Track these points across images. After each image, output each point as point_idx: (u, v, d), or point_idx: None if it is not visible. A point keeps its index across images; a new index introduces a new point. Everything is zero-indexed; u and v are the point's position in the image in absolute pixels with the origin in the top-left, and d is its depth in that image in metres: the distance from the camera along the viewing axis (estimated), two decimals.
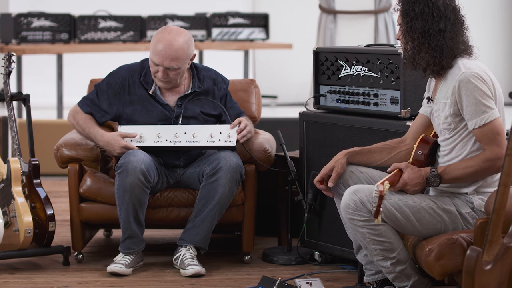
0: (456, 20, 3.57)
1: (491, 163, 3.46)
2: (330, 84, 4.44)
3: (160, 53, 4.34)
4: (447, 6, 3.55)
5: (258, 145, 4.54)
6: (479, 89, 3.47)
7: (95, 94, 4.53)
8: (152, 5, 10.65)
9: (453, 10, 3.57)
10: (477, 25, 11.58)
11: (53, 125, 6.92)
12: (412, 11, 3.56)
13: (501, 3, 11.80)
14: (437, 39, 3.53)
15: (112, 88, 4.50)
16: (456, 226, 3.55)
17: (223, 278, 4.31)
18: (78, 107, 4.55)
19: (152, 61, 4.38)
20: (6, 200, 4.43)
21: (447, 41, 3.53)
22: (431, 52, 3.54)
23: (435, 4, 3.54)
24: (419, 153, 3.64)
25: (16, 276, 4.32)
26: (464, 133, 3.54)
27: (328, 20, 9.44)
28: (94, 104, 4.52)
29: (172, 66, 4.35)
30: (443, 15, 3.54)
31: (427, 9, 3.54)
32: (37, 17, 8.00)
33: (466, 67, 3.51)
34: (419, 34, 3.55)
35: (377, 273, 3.83)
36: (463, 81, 3.48)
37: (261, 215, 4.87)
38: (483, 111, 3.46)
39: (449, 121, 3.55)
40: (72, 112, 4.58)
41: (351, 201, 3.55)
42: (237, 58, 10.35)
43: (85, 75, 6.20)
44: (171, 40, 4.35)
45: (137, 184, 4.24)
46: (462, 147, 3.56)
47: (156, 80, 4.45)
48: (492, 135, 3.46)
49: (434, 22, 3.53)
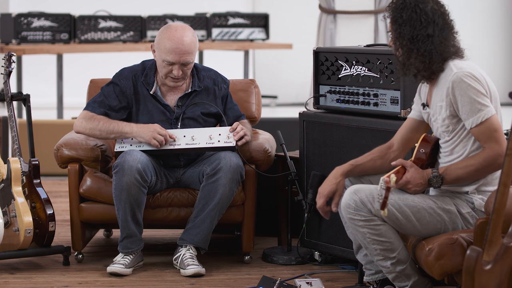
0: (445, 24, 3.57)
1: (491, 161, 3.46)
2: (330, 84, 4.44)
3: (174, 51, 4.36)
4: (435, 11, 3.56)
5: (258, 145, 4.54)
6: (472, 88, 3.47)
7: (102, 96, 4.50)
8: (152, 5, 10.65)
9: (441, 15, 3.58)
10: (477, 25, 11.64)
11: (53, 125, 6.92)
12: (400, 17, 3.58)
13: (501, 3, 11.80)
14: (425, 45, 3.54)
15: (119, 88, 4.49)
16: (456, 226, 3.55)
17: (223, 278, 4.31)
18: (88, 112, 4.47)
19: (166, 61, 4.38)
20: (6, 200, 4.44)
21: (436, 46, 3.54)
22: (420, 58, 3.55)
23: (423, 10, 3.55)
24: (421, 151, 3.64)
25: (16, 276, 4.32)
26: (463, 133, 3.54)
27: (328, 20, 9.43)
28: (104, 104, 4.48)
29: (187, 60, 4.38)
30: (431, 21, 3.55)
31: (415, 15, 3.55)
32: (37, 17, 8.00)
33: (458, 68, 3.52)
34: (408, 40, 3.56)
35: (377, 272, 3.83)
36: (456, 81, 3.49)
37: (261, 215, 4.87)
38: (478, 110, 3.47)
39: (446, 123, 3.55)
40: (81, 120, 4.47)
41: (352, 201, 3.55)
42: (237, 58, 10.35)
43: (85, 75, 6.21)
44: (181, 36, 4.38)
45: (133, 183, 4.25)
46: (462, 147, 3.56)
47: (168, 81, 4.45)
48: (490, 133, 3.46)
49: (422, 27, 3.54)
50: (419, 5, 3.56)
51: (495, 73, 11.67)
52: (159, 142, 4.35)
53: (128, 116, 4.53)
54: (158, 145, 4.35)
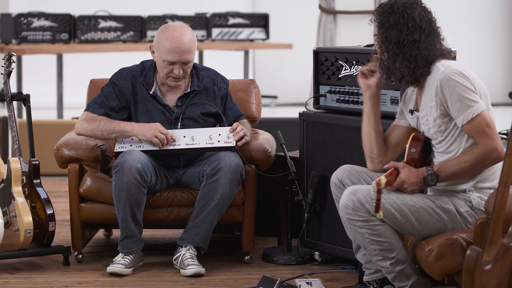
0: (431, 31, 3.58)
1: (485, 156, 3.46)
2: (330, 84, 4.44)
3: (174, 51, 4.36)
4: (422, 18, 3.57)
5: (258, 145, 4.54)
6: (461, 85, 3.48)
7: (102, 97, 4.50)
8: (152, 5, 10.66)
9: (428, 22, 3.59)
10: (477, 25, 11.64)
11: (53, 125, 6.92)
12: (387, 22, 3.59)
13: (501, 3, 11.80)
14: (411, 50, 3.55)
15: (117, 88, 4.49)
16: (455, 225, 3.55)
17: (223, 278, 4.31)
18: (89, 113, 4.47)
19: (166, 61, 4.38)
20: (6, 200, 4.44)
21: (421, 52, 3.55)
22: (406, 63, 3.56)
23: (410, 16, 3.56)
24: (412, 151, 3.65)
25: (16, 276, 4.32)
26: (456, 132, 3.54)
27: (328, 20, 9.44)
28: (105, 105, 4.48)
29: (188, 59, 4.39)
30: (418, 26, 3.56)
31: (402, 20, 3.56)
32: (37, 17, 8.00)
33: (444, 66, 3.52)
34: (394, 45, 3.57)
35: (376, 272, 3.83)
36: (444, 79, 3.49)
37: (261, 215, 4.87)
38: (468, 106, 3.47)
39: (438, 123, 3.56)
40: (82, 122, 4.46)
41: (350, 201, 3.55)
42: (237, 58, 10.35)
43: (85, 75, 6.21)
44: (180, 35, 4.38)
45: (133, 183, 4.25)
46: (457, 146, 3.56)
47: (169, 81, 4.45)
48: (482, 128, 3.46)
49: (409, 33, 3.55)
50: (407, 11, 3.57)
51: (495, 73, 11.68)
52: (161, 140, 4.35)
53: (128, 117, 4.53)
54: (159, 143, 4.35)
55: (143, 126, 4.40)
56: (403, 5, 3.58)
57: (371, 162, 3.77)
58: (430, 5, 3.67)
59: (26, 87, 8.08)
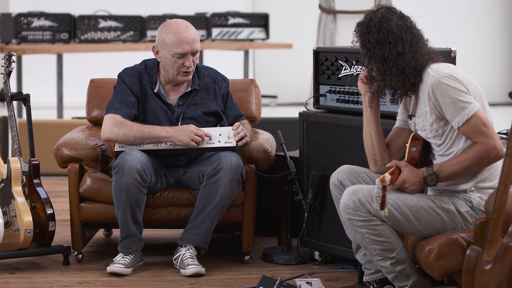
0: (413, 38, 3.56)
1: (484, 154, 3.46)
2: (330, 84, 4.44)
3: (183, 41, 4.37)
4: (401, 28, 3.55)
5: (258, 145, 4.54)
6: (452, 88, 3.47)
7: (119, 95, 4.43)
8: (152, 5, 10.66)
9: (408, 29, 3.57)
10: (477, 25, 11.64)
11: (53, 125, 6.92)
12: (368, 42, 3.58)
13: (501, 3, 11.80)
14: (398, 63, 3.54)
15: (127, 85, 4.46)
16: (456, 225, 3.55)
17: (223, 278, 4.31)
18: (116, 116, 4.35)
19: (177, 54, 4.38)
20: (6, 200, 4.44)
21: (408, 63, 3.53)
22: (395, 77, 3.55)
23: (389, 29, 3.54)
24: (412, 150, 3.65)
25: (16, 276, 4.32)
26: (454, 134, 3.54)
27: (328, 20, 9.43)
28: (125, 102, 4.41)
29: (197, 48, 4.43)
30: (399, 38, 3.54)
31: (382, 36, 3.55)
32: (37, 17, 8.01)
33: (434, 71, 3.51)
34: (380, 63, 3.56)
35: (376, 272, 3.83)
36: (435, 84, 3.49)
37: (261, 215, 4.87)
38: (462, 108, 3.46)
39: (435, 127, 3.56)
40: (111, 126, 4.33)
41: (350, 201, 3.55)
42: (237, 58, 10.36)
43: (85, 75, 6.21)
44: (184, 26, 4.42)
45: (133, 183, 4.25)
46: (456, 147, 3.56)
47: (180, 76, 4.44)
48: (478, 128, 3.46)
49: (392, 47, 3.54)
50: (383, 25, 3.55)
51: (495, 73, 11.68)
52: (197, 142, 4.35)
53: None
54: (196, 146, 4.34)
55: (177, 130, 4.35)
56: (379, 21, 3.56)
57: (374, 164, 3.77)
58: (430, 5, 3.66)
59: (26, 87, 8.08)
